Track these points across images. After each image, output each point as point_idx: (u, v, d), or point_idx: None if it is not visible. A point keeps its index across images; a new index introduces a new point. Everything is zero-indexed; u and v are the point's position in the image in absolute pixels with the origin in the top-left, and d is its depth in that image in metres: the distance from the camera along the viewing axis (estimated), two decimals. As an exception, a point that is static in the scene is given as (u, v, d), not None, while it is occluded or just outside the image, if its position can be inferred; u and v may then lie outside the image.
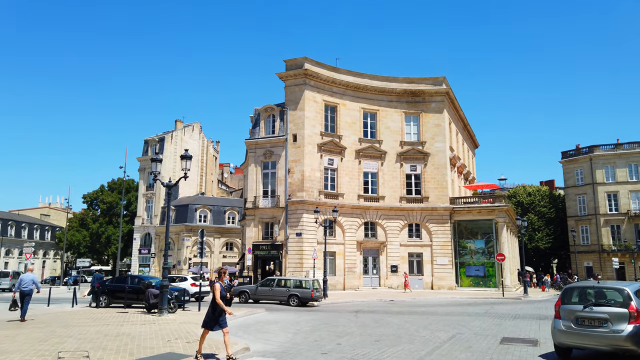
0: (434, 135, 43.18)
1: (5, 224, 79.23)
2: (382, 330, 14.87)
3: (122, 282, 22.24)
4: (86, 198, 77.55)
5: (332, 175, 40.68)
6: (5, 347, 9.87)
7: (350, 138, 41.65)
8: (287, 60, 40.47)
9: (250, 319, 18.18)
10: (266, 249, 39.12)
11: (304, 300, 25.70)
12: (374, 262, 41.41)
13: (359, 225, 40.94)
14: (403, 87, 43.68)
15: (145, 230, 64.13)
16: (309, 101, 39.75)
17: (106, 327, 13.59)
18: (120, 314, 18.21)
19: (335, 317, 18.74)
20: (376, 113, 43.06)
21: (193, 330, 13.00)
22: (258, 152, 40.61)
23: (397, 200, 42.06)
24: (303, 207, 38.13)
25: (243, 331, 14.34)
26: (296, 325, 16.14)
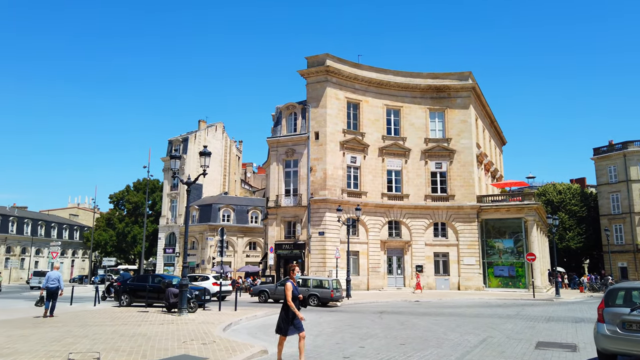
0: (460, 131, 42.04)
1: (36, 224, 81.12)
2: (408, 332, 14.17)
3: (143, 281, 22.09)
4: (112, 198, 78.76)
5: (354, 174, 40.00)
6: (18, 347, 9.60)
7: (373, 135, 40.88)
8: (308, 57, 39.99)
9: (271, 319, 17.66)
10: (288, 248, 38.72)
11: (323, 300, 25.17)
12: (398, 261, 40.55)
13: (382, 224, 40.14)
14: (427, 82, 42.67)
15: (170, 229, 64.60)
16: (330, 98, 39.17)
17: (123, 327, 13.29)
18: (140, 313, 17.98)
19: (358, 318, 18.10)
20: (400, 110, 42.17)
21: (210, 331, 12.57)
22: (280, 150, 40.24)
23: (422, 198, 41.09)
24: (325, 206, 37.57)
25: (262, 332, 13.84)
26: (317, 326, 15.56)
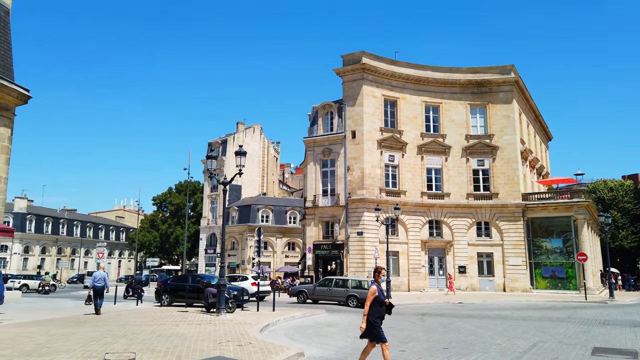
0: (503, 127, 40.50)
1: (85, 225, 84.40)
2: (451, 336, 13.52)
3: (183, 281, 22.26)
4: (156, 200, 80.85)
5: (393, 172, 39.24)
6: (57, 347, 9.67)
7: (412, 133, 39.99)
8: (344, 55, 39.55)
9: (308, 320, 17.40)
10: (327, 249, 38.39)
11: (363, 301, 24.61)
12: (440, 262, 39.45)
13: (423, 224, 39.17)
14: (467, 77, 41.37)
15: (211, 230, 65.63)
16: (367, 96, 38.58)
17: (161, 327, 13.30)
18: (179, 313, 18.07)
19: (399, 321, 17.53)
20: (439, 106, 41.07)
21: (247, 332, 12.37)
22: (317, 150, 39.99)
23: (463, 197, 39.84)
24: (364, 206, 37.01)
25: (300, 334, 13.54)
26: (357, 328, 15.10)
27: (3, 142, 15.33)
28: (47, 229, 76.86)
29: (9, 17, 16.29)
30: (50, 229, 77.23)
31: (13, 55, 16.23)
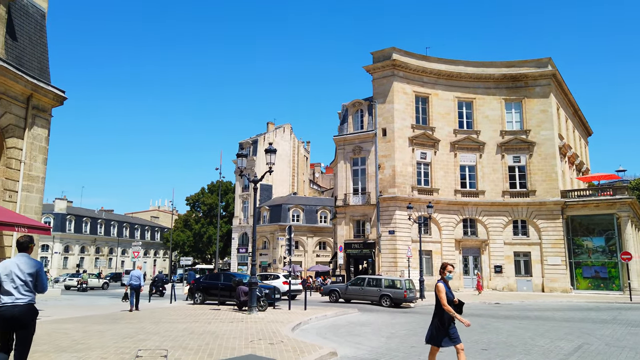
0: (540, 122, 39.17)
1: (121, 225, 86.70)
2: (490, 337, 13.00)
3: (215, 279, 22.38)
4: (189, 200, 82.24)
5: (425, 170, 38.53)
6: (91, 343, 9.74)
7: (444, 130, 39.17)
8: (374, 52, 39.11)
9: (341, 319, 17.13)
10: (358, 248, 38.04)
11: (396, 301, 24.26)
12: (474, 261, 38.49)
13: (456, 223, 38.30)
14: (502, 72, 40.21)
15: (242, 230, 66.20)
16: (398, 93, 38.01)
17: (194, 325, 13.30)
18: (211, 311, 18.12)
19: (424, 321, 17.04)
20: (472, 102, 40.08)
21: (279, 330, 12.21)
22: (347, 148, 39.68)
23: (499, 194, 38.74)
24: (395, 204, 36.48)
25: (332, 333, 13.28)
26: (390, 327, 14.77)
27: (40, 143, 15.68)
28: (85, 229, 79.29)
29: (45, 20, 16.69)
30: (88, 229, 79.65)
31: (49, 58, 16.61)
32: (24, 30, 15.59)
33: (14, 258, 5.93)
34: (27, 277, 5.65)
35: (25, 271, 5.67)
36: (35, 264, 5.83)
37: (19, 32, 15.29)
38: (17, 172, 14.81)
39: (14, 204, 14.63)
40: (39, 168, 15.60)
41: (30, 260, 5.84)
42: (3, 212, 13.20)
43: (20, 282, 5.60)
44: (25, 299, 5.59)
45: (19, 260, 5.78)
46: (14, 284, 5.57)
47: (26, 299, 5.60)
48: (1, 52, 14.19)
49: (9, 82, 14.29)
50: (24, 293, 5.59)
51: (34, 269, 5.75)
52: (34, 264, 5.83)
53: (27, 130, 15.13)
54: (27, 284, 5.64)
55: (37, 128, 15.53)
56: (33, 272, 5.73)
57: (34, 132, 15.41)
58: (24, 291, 5.59)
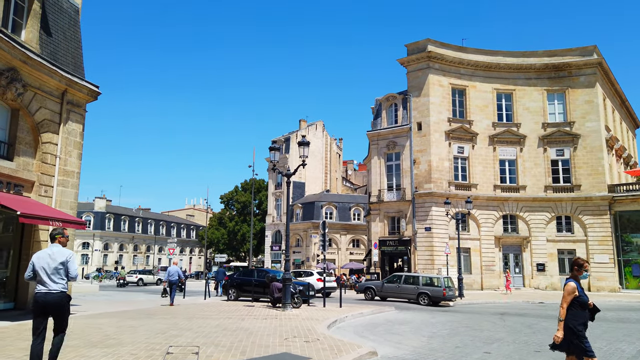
0: (585, 113, 37.25)
1: (158, 224, 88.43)
2: (540, 337, 12.09)
3: (249, 276, 22.13)
4: (223, 198, 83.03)
5: (462, 165, 37.29)
6: (123, 338, 9.50)
7: (482, 123, 37.79)
8: (408, 44, 38.10)
9: (378, 317, 16.48)
10: (393, 245, 37.19)
11: (434, 299, 23.40)
12: (515, 259, 36.99)
13: (496, 219, 36.90)
14: (544, 61, 38.46)
15: (276, 227, 66.24)
16: (433, 85, 36.90)
17: (227, 321, 12.96)
18: (245, 307, 17.82)
19: (476, 320, 16.19)
20: (512, 93, 38.51)
21: (314, 328, 11.70)
22: (381, 143, 38.85)
23: (541, 189, 37.09)
24: (431, 200, 35.44)
25: (370, 332, 12.68)
26: (430, 327, 14.04)
27: (75, 138, 15.72)
28: (124, 227, 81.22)
29: (78, 15, 16.75)
30: (127, 227, 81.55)
31: (83, 53, 16.65)
32: (58, 25, 15.65)
33: (47, 249, 6.25)
34: (58, 266, 6.00)
35: (57, 260, 6.02)
36: (65, 253, 6.12)
37: (53, 28, 15.35)
38: (53, 167, 14.86)
39: (50, 198, 14.69)
40: (74, 163, 15.63)
41: (61, 250, 6.16)
42: (38, 206, 13.22)
43: (52, 271, 5.97)
44: (57, 287, 5.99)
45: (51, 250, 6.14)
46: (47, 273, 5.95)
47: (58, 287, 6.00)
48: (36, 47, 14.25)
49: (44, 77, 14.33)
50: (56, 281, 5.97)
51: (64, 258, 6.06)
52: (65, 253, 6.13)
53: (62, 125, 15.18)
54: (59, 273, 6.01)
55: (71, 123, 15.57)
56: (63, 261, 6.04)
57: (68, 127, 15.44)
58: (57, 279, 5.97)
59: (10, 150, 13.83)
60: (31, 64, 13.72)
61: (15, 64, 13.27)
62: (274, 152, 17.53)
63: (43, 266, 5.99)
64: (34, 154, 14.51)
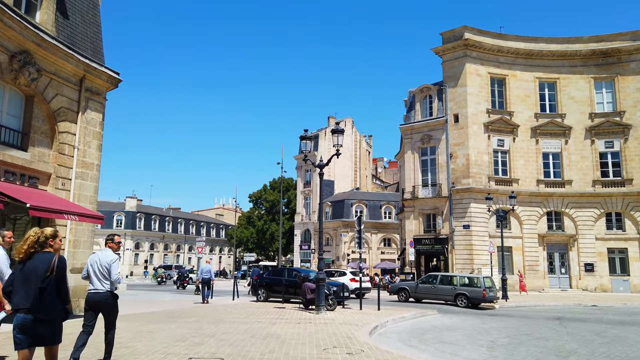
0: (636, 102, 34.64)
1: (188, 223, 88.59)
2: (619, 348, 10.34)
3: (279, 275, 20.88)
4: (252, 197, 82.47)
5: (502, 158, 35.18)
6: (137, 347, 8.31)
7: (524, 114, 35.57)
8: (443, 32, 36.19)
9: (422, 322, 14.92)
10: (429, 244, 35.36)
11: (474, 300, 21.71)
12: (561, 259, 34.64)
13: (539, 216, 34.63)
14: (590, 47, 35.93)
15: (305, 226, 65.09)
16: (471, 75, 34.92)
17: (256, 326, 11.67)
18: (275, 309, 16.54)
19: (532, 326, 14.45)
20: (555, 82, 36.13)
21: (355, 335, 10.28)
22: (414, 137, 37.08)
23: (588, 184, 34.62)
24: (470, 196, 33.50)
25: (418, 339, 11.16)
26: (485, 334, 12.40)
27: (95, 128, 14.76)
28: (154, 226, 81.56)
29: None
30: (157, 227, 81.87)
31: (104, 40, 15.68)
32: (76, 7, 14.71)
33: (99, 252, 6.83)
34: (104, 269, 6.53)
35: (103, 264, 6.57)
36: (110, 258, 6.64)
37: (70, 10, 14.41)
38: (71, 159, 13.91)
39: (68, 192, 13.74)
40: (93, 154, 14.66)
41: (108, 254, 6.70)
42: (53, 199, 12.25)
43: (99, 273, 6.53)
44: (104, 287, 6.53)
45: (102, 254, 6.72)
46: (96, 274, 6.52)
47: (105, 288, 6.54)
48: (51, 30, 13.30)
49: (60, 61, 13.38)
50: (103, 282, 6.52)
51: (108, 262, 6.59)
52: (110, 257, 6.65)
53: (81, 114, 14.22)
54: (105, 275, 6.54)
55: (90, 112, 14.60)
56: (108, 265, 6.56)
57: (87, 116, 14.48)
58: (104, 280, 6.51)
59: (25, 139, 12.91)
60: (45, 46, 12.77)
61: (28, 47, 12.33)
62: (305, 141, 16.21)
63: (93, 268, 6.56)
64: (50, 145, 13.58)
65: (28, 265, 4.84)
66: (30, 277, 4.77)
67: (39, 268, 4.80)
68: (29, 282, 4.76)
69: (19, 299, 4.75)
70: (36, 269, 4.80)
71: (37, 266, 4.81)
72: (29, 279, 4.76)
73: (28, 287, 4.74)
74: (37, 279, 4.76)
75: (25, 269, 4.83)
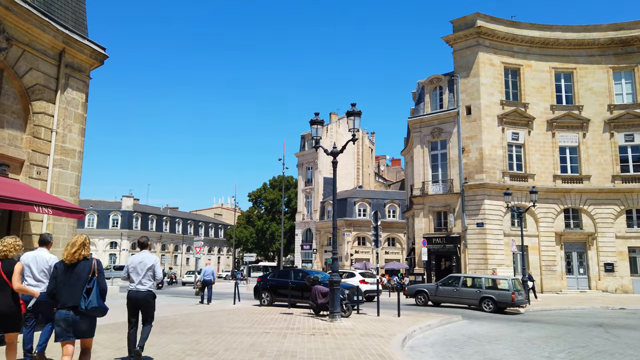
0: (658, 93, 32.83)
1: (186, 223, 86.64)
2: None
3: (284, 277, 19.04)
4: (251, 196, 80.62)
5: (517, 153, 33.39)
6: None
7: (539, 106, 33.77)
8: (454, 20, 34.36)
9: (451, 331, 13.07)
10: (440, 243, 33.52)
11: (501, 305, 19.91)
12: (579, 258, 32.85)
13: (556, 213, 32.83)
14: (609, 36, 34.13)
15: (306, 226, 63.26)
16: (484, 64, 33.11)
17: (264, 338, 9.82)
18: (283, 315, 14.68)
19: (578, 335, 12.64)
20: (572, 72, 34.34)
21: (385, 351, 8.44)
22: (424, 131, 35.25)
23: (607, 179, 32.84)
24: (483, 192, 31.70)
25: (458, 355, 9.33)
26: (533, 347, 10.57)
27: (76, 109, 12.90)
28: (151, 226, 79.61)
29: (81, -36, 13.92)
30: (154, 226, 79.90)
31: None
32: (55, -29, 12.83)
33: (139, 254, 7.49)
34: (146, 270, 7.22)
35: (145, 265, 7.26)
36: (152, 260, 7.38)
37: (47, -26, 12.53)
38: (48, 144, 12.06)
39: (44, 182, 11.89)
40: (74, 140, 12.81)
41: (149, 256, 7.42)
42: (24, 190, 10.37)
43: (142, 273, 7.21)
44: (144, 287, 7.20)
45: (142, 256, 7.41)
46: (137, 275, 7.21)
47: (146, 287, 7.21)
48: (24, -6, 11.43)
49: (34, 30, 11.52)
50: (144, 282, 7.19)
51: (151, 264, 7.32)
52: (152, 259, 7.39)
53: (60, 92, 12.36)
54: (147, 275, 7.23)
55: (71, 91, 12.74)
56: (150, 266, 7.30)
57: (67, 96, 12.62)
58: (145, 281, 7.20)
59: (-9, 120, 11.05)
60: (17, 11, 10.91)
61: (-6, 10, 10.47)
62: (316, 126, 14.35)
63: (135, 269, 7.17)
64: (23, 127, 11.72)
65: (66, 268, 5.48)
66: (75, 278, 5.41)
67: (83, 270, 5.46)
68: (74, 282, 5.39)
69: (65, 298, 5.33)
70: (81, 271, 5.46)
71: (81, 269, 5.47)
72: (74, 280, 5.40)
73: (73, 287, 5.37)
74: (82, 280, 5.40)
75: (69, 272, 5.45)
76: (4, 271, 5.89)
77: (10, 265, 6.00)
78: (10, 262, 6.05)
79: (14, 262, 6.11)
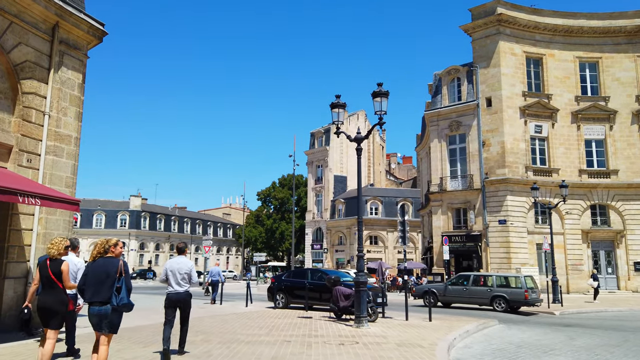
0: (690, 82, 31.08)
1: (194, 222, 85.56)
2: None
3: (301, 277, 17.64)
4: (260, 195, 79.30)
5: (540, 146, 31.82)
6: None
7: (563, 97, 32.15)
8: (473, 8, 32.85)
9: (492, 338, 11.58)
10: (459, 241, 32.01)
11: (514, 304, 18.74)
12: (607, 257, 31.21)
13: (582, 210, 31.20)
14: (635, 23, 32.47)
15: (316, 225, 61.85)
16: (505, 54, 31.54)
17: (286, 349, 8.44)
18: (301, 319, 13.29)
19: (637, 341, 11.12)
20: (598, 62, 32.69)
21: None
22: (441, 124, 33.75)
23: (636, 174, 31.19)
24: (506, 188, 30.16)
25: (517, 369, 7.86)
26: (596, 357, 9.08)
27: (72, 91, 11.58)
28: (160, 226, 78.62)
29: None
30: (162, 226, 78.91)
31: None
32: (47, -63, 11.51)
33: (176, 259, 8.05)
34: (184, 274, 7.78)
35: (183, 269, 7.80)
36: (188, 264, 7.91)
37: (39, -61, 11.21)
38: (40, 128, 10.75)
39: (35, 171, 10.58)
40: (70, 124, 11.49)
41: (186, 261, 7.94)
42: (12, 179, 9.05)
43: (180, 277, 7.76)
44: (182, 289, 7.79)
45: (179, 260, 7.96)
46: (176, 278, 7.76)
47: (184, 289, 7.80)
48: (11, -42, 10.12)
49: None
50: (182, 284, 7.77)
51: (188, 268, 7.85)
52: (188, 264, 7.91)
53: (53, 71, 11.04)
54: (184, 279, 7.79)
55: (66, 70, 11.42)
56: (188, 270, 7.83)
57: (62, 75, 11.30)
58: (183, 283, 7.77)
59: (-26, 99, 9.76)
60: (2, -23, 9.61)
61: (-24, -27, 9.18)
62: (337, 109, 12.96)
63: (174, 273, 7.77)
64: (11, 109, 10.42)
65: (95, 267, 5.97)
66: (101, 277, 5.88)
67: (110, 270, 5.91)
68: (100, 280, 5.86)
69: (90, 295, 5.85)
70: (107, 270, 5.91)
71: (108, 268, 5.92)
72: (100, 278, 5.87)
73: (99, 284, 5.85)
74: (110, 278, 5.86)
75: (94, 270, 5.94)
76: (52, 272, 6.31)
77: (57, 265, 6.39)
78: (58, 262, 6.42)
79: (61, 262, 6.47)
